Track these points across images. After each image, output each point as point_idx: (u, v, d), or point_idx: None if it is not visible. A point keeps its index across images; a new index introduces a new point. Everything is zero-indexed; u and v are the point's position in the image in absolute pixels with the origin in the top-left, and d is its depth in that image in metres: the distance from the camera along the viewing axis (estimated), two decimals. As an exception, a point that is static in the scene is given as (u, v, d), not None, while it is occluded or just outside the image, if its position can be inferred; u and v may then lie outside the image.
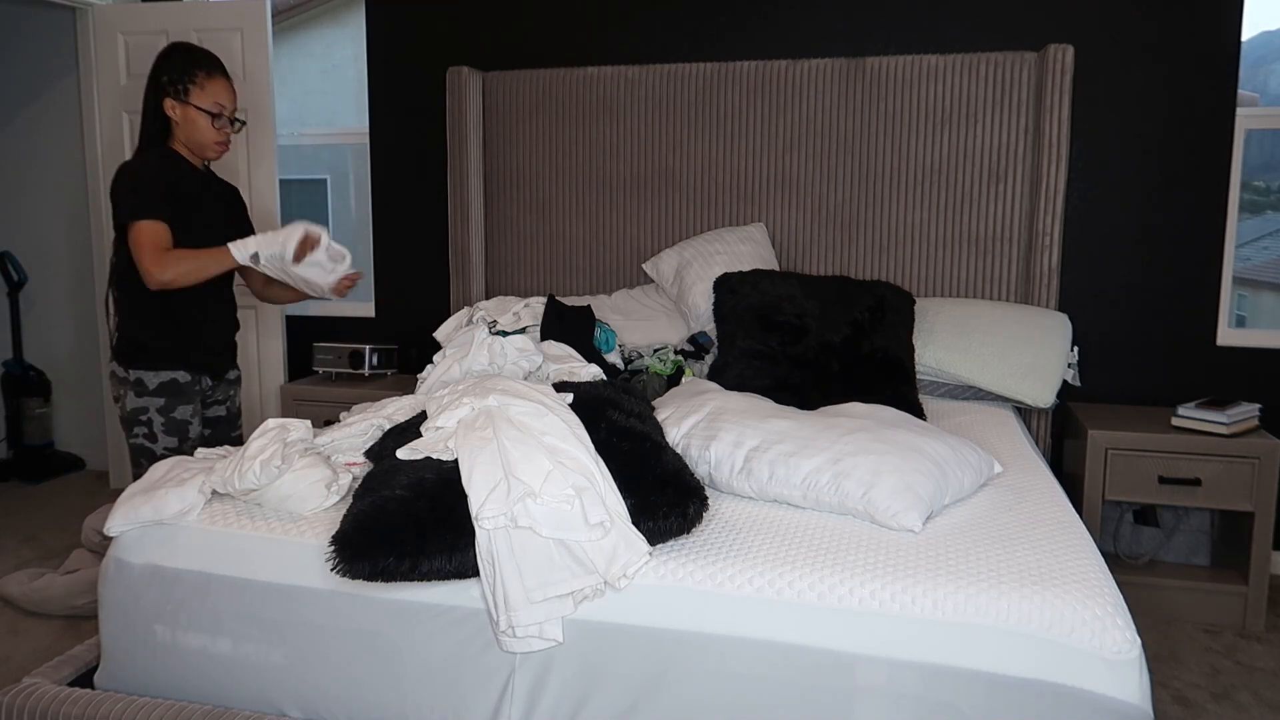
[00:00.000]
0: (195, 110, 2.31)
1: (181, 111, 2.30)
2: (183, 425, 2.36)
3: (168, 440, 2.34)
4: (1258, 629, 2.74)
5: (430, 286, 3.80)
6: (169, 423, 2.34)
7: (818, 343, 2.68)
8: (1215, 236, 3.08)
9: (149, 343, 2.32)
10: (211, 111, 2.32)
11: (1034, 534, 1.66)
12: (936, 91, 3.12)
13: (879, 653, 1.43)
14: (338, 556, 1.53)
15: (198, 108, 2.30)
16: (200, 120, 2.31)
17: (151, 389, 2.32)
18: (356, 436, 2.00)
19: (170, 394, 2.34)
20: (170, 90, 2.29)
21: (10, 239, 4.35)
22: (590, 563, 1.50)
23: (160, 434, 2.33)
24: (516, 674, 1.56)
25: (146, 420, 2.32)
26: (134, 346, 2.32)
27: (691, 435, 1.98)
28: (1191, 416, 2.78)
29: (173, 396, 2.34)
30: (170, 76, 2.30)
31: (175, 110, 2.30)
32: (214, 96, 2.33)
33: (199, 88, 2.31)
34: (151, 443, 2.33)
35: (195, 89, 2.30)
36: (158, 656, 1.73)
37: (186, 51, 2.33)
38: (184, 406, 2.36)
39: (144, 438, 2.33)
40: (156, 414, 2.32)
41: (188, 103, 2.30)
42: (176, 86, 2.29)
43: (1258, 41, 3.52)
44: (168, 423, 2.33)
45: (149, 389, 2.32)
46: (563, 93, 3.44)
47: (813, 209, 3.28)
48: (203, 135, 2.33)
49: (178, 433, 2.35)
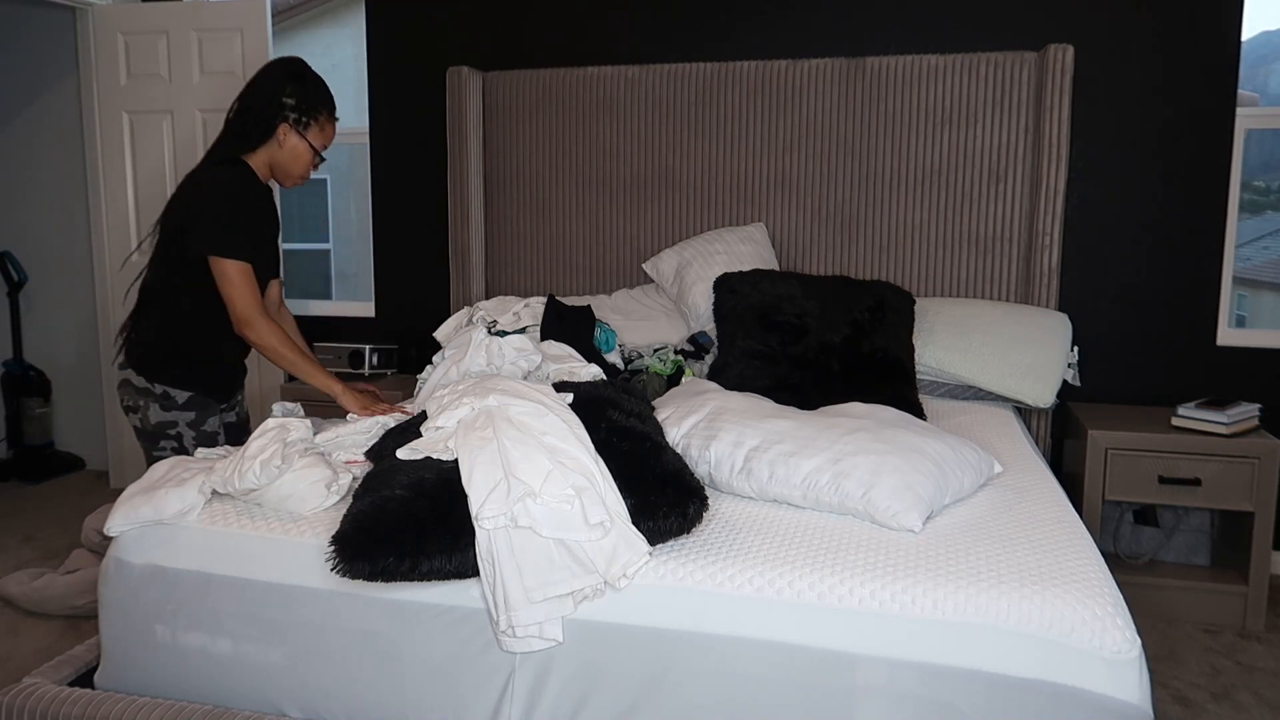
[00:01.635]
0: (307, 146, 2.25)
1: (294, 142, 2.24)
2: (212, 437, 2.29)
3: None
4: (1258, 629, 2.74)
5: (430, 286, 3.80)
6: (200, 435, 2.27)
7: (818, 343, 2.68)
8: (1215, 236, 3.08)
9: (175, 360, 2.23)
10: (319, 153, 2.29)
11: (1034, 534, 1.66)
12: (936, 91, 3.12)
13: (879, 653, 1.43)
14: (338, 556, 1.53)
15: (310, 145, 2.26)
16: (305, 157, 2.26)
17: (181, 403, 2.24)
18: (357, 436, 2.01)
19: (199, 408, 2.27)
20: (292, 118, 2.23)
21: (10, 239, 4.35)
22: (590, 563, 1.50)
23: (191, 447, 2.25)
24: (516, 674, 1.56)
25: (176, 434, 2.24)
26: (159, 359, 2.23)
27: (691, 435, 1.98)
28: (1191, 416, 2.78)
29: (201, 410, 2.27)
30: (299, 103, 2.23)
31: (287, 137, 2.23)
32: (326, 139, 2.29)
33: (319, 127, 2.26)
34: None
35: (315, 127, 2.25)
36: (158, 656, 1.73)
37: (317, 85, 2.27)
38: (212, 419, 2.30)
39: (173, 451, 2.25)
40: (187, 428, 2.25)
41: (304, 136, 2.24)
42: (301, 117, 2.23)
43: (1258, 41, 3.53)
44: (199, 435, 2.26)
45: (178, 403, 2.24)
46: (563, 93, 3.44)
47: (813, 209, 3.27)
48: (299, 169, 2.27)
49: (208, 444, 2.27)
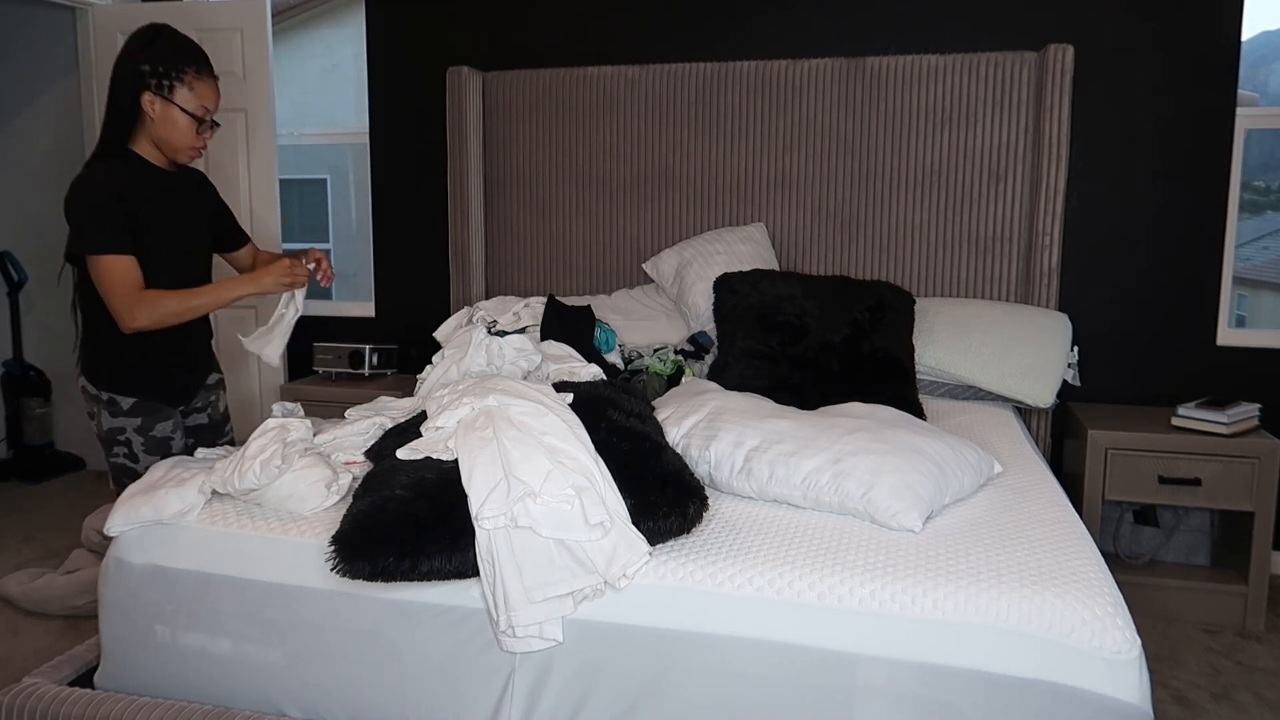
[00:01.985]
0: (179, 111, 2.06)
1: (162, 110, 2.05)
2: (164, 442, 2.20)
3: (149, 460, 2.18)
4: (1258, 629, 2.74)
5: (430, 286, 3.80)
6: (149, 441, 2.18)
7: (818, 343, 2.68)
8: (1215, 236, 3.08)
9: (116, 367, 2.14)
10: (197, 115, 2.09)
11: (1034, 534, 1.66)
12: (936, 91, 3.12)
13: (879, 653, 1.43)
14: (338, 556, 1.53)
15: (182, 109, 2.06)
16: (182, 122, 2.07)
17: (126, 409, 2.15)
18: (356, 436, 2.00)
19: (146, 413, 2.17)
20: (153, 84, 2.04)
21: (10, 239, 4.35)
22: (590, 563, 1.50)
23: (141, 454, 2.17)
24: (516, 674, 1.56)
25: (125, 440, 2.16)
26: (101, 368, 2.14)
27: (691, 435, 1.98)
28: (1191, 416, 2.78)
29: (149, 415, 2.18)
30: (154, 68, 2.04)
31: (155, 107, 2.05)
32: (201, 99, 2.09)
33: (187, 87, 2.06)
34: (133, 463, 2.17)
35: (182, 87, 2.06)
36: (158, 656, 1.73)
37: (174, 42, 2.07)
38: (163, 423, 2.20)
39: (125, 458, 2.17)
40: (135, 434, 2.16)
41: (170, 101, 2.05)
42: (161, 81, 2.04)
43: (1258, 41, 3.52)
44: (148, 441, 2.18)
45: (123, 409, 2.15)
46: (563, 93, 3.44)
47: (813, 209, 3.27)
48: (180, 139, 2.09)
49: (159, 450, 2.19)
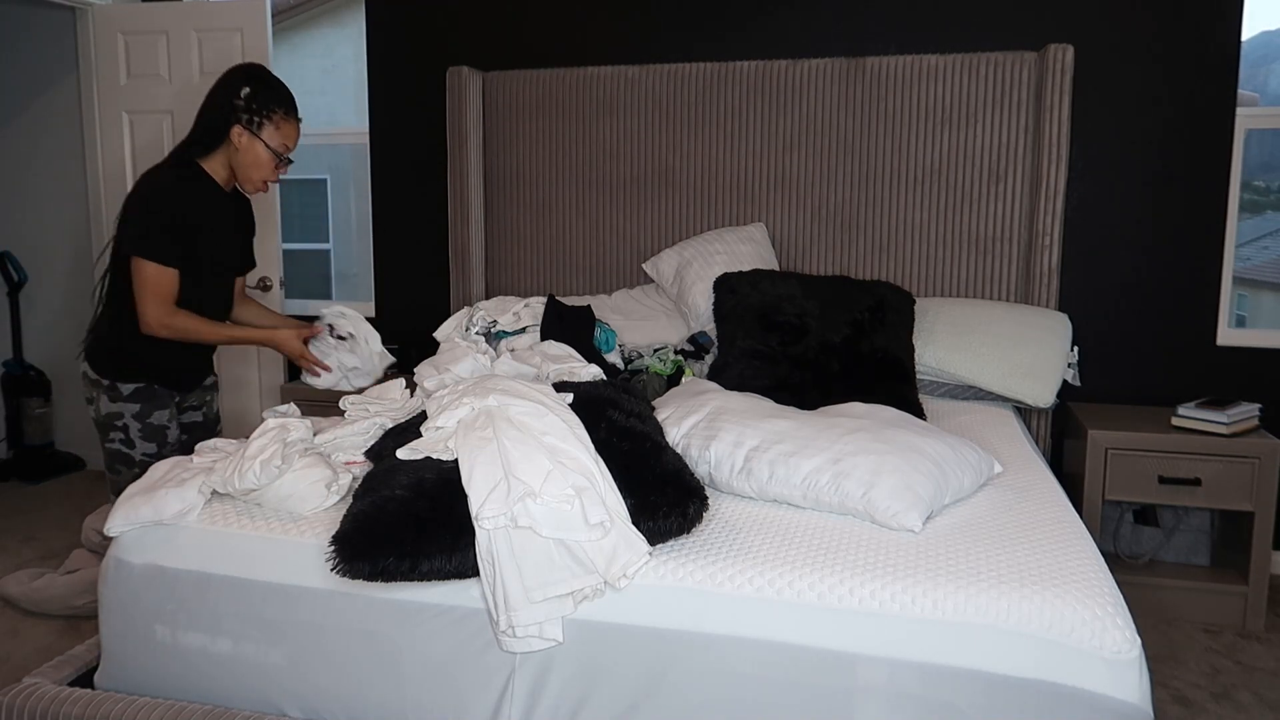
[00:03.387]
0: (263, 147, 2.24)
1: (249, 143, 2.23)
2: (160, 430, 2.31)
3: (146, 446, 2.29)
4: (1258, 629, 2.74)
5: (430, 286, 3.80)
6: (146, 428, 2.29)
7: (818, 343, 2.68)
8: (1215, 236, 3.08)
9: (121, 354, 2.26)
10: (278, 152, 2.26)
11: (1034, 534, 1.66)
12: (936, 91, 3.12)
13: (879, 653, 1.43)
14: (338, 556, 1.53)
15: (266, 144, 2.24)
16: (264, 157, 2.25)
17: (126, 395, 2.27)
18: (356, 436, 2.01)
19: (145, 399, 2.28)
20: (245, 118, 2.22)
21: (10, 239, 4.35)
22: (590, 563, 1.50)
23: (138, 439, 2.28)
24: (516, 674, 1.56)
25: (122, 425, 2.27)
26: (106, 353, 2.27)
27: (691, 435, 1.98)
28: (1191, 416, 2.78)
29: (147, 402, 2.29)
30: (250, 103, 2.22)
31: (242, 139, 2.22)
32: (285, 139, 2.27)
33: (274, 126, 2.24)
34: (129, 448, 2.28)
35: (270, 126, 2.24)
36: (158, 656, 1.73)
37: (273, 85, 2.27)
38: (160, 411, 2.31)
39: (121, 443, 2.28)
40: (132, 420, 2.27)
41: (258, 136, 2.23)
42: (254, 117, 2.22)
43: (1258, 41, 3.52)
44: (145, 428, 2.29)
45: (123, 395, 2.26)
46: (563, 93, 3.44)
47: (813, 209, 3.27)
48: (259, 173, 2.26)
49: (155, 438, 2.30)
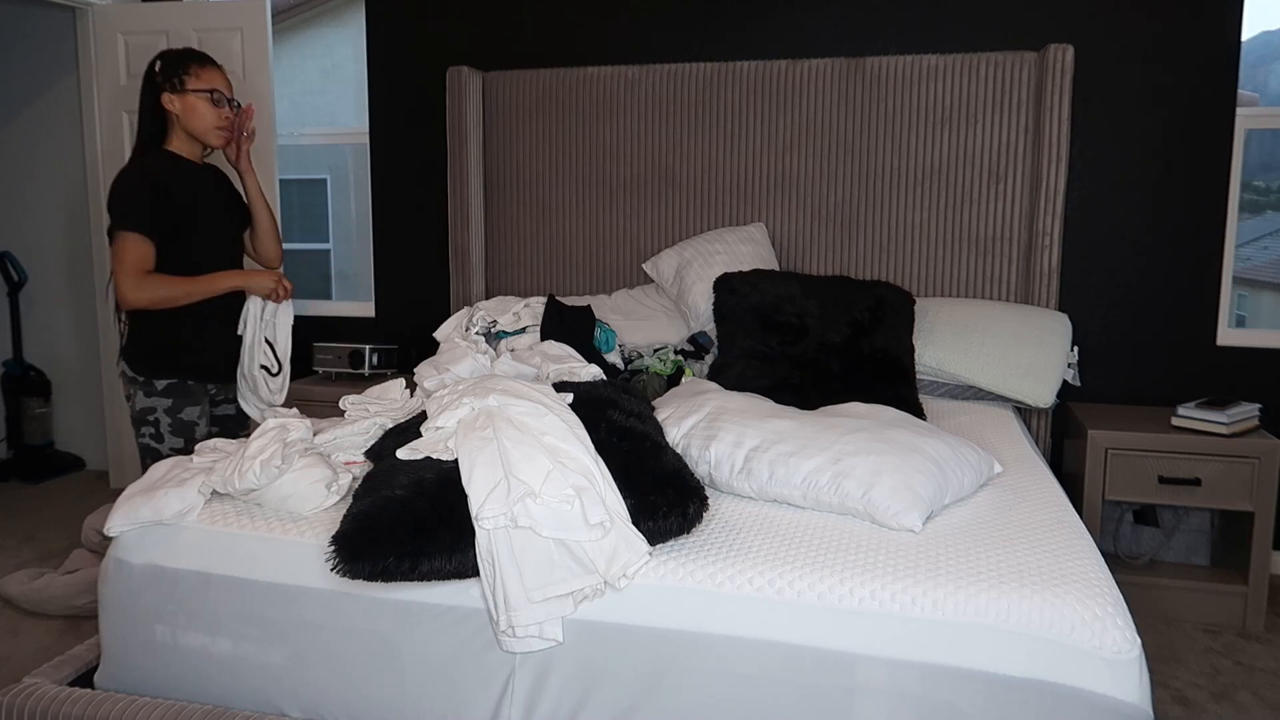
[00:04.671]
0: (194, 95, 2.32)
1: (180, 101, 2.32)
2: (189, 426, 2.36)
3: (174, 441, 2.35)
4: (1258, 629, 2.74)
5: (430, 286, 3.80)
6: (176, 423, 2.34)
7: (818, 343, 2.68)
8: (1215, 236, 3.08)
9: (150, 349, 2.33)
10: (212, 96, 2.34)
11: (1034, 534, 1.66)
12: (936, 91, 3.12)
13: (879, 653, 1.43)
14: (338, 556, 1.53)
15: (195, 91, 2.32)
16: (200, 104, 2.33)
17: (159, 390, 2.33)
18: (356, 436, 2.01)
19: (177, 395, 2.35)
20: (166, 84, 2.31)
21: (10, 239, 4.35)
22: (590, 563, 1.50)
23: (167, 434, 2.34)
24: (516, 674, 1.56)
25: (154, 420, 2.33)
26: (137, 349, 2.34)
27: (691, 435, 1.97)
28: (1191, 416, 2.78)
29: (180, 397, 2.35)
30: (165, 73, 2.32)
31: (174, 102, 2.32)
32: (209, 82, 2.34)
33: (194, 76, 2.33)
34: (158, 443, 2.34)
35: (190, 78, 2.32)
36: (158, 656, 1.73)
37: (177, 51, 2.37)
38: (191, 408, 2.37)
39: (150, 438, 2.34)
40: (164, 414, 2.34)
41: (185, 90, 2.31)
42: (172, 80, 2.32)
43: (1258, 41, 3.52)
44: (174, 423, 2.34)
45: (157, 390, 2.33)
46: (563, 93, 3.44)
47: (813, 209, 3.27)
48: (205, 119, 2.34)
49: (184, 433, 2.35)
